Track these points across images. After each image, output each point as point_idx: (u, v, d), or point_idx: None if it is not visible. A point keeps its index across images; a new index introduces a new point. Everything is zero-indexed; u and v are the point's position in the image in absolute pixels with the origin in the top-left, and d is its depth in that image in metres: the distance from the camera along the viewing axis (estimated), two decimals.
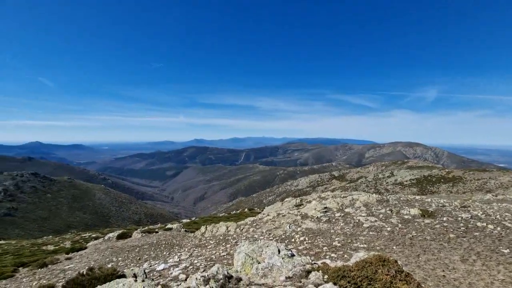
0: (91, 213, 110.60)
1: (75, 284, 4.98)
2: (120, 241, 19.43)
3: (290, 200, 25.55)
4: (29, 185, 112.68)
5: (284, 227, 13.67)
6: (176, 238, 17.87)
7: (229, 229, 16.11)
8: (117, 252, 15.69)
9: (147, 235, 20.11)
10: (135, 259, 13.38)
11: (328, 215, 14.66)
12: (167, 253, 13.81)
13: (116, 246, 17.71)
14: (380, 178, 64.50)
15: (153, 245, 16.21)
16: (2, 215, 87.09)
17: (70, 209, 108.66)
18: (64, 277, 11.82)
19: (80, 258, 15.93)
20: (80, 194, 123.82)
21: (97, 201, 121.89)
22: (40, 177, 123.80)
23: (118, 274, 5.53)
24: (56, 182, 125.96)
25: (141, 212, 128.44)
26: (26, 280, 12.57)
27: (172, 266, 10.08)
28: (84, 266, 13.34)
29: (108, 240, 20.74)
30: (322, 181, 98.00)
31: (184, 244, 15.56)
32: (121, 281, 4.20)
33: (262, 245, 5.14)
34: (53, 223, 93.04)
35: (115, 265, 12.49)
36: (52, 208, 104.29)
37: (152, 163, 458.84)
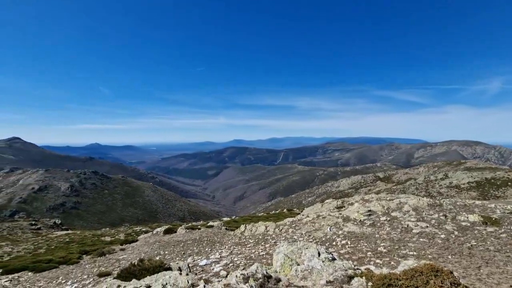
0: (141, 209, 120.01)
1: (128, 273, 5.48)
2: (166, 235, 20.74)
3: (331, 202, 24.75)
4: (90, 182, 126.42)
5: (324, 229, 13.29)
6: (217, 235, 18.49)
7: (268, 229, 16.17)
8: (164, 246, 16.77)
9: (190, 231, 21.14)
10: (180, 254, 14.16)
11: (373, 218, 13.87)
12: (209, 249, 14.36)
13: (163, 240, 18.95)
14: (432, 181, 59.05)
15: (196, 241, 16.99)
16: (69, 208, 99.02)
17: (123, 204, 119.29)
18: (119, 266, 13.00)
19: (132, 250, 17.38)
20: (132, 191, 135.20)
21: (146, 197, 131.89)
22: (99, 175, 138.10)
23: (165, 267, 5.93)
24: (112, 180, 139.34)
25: (185, 209, 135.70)
26: (88, 267, 14.11)
27: (213, 262, 10.46)
28: (136, 257, 14.54)
29: (156, 235, 22.27)
30: (365, 182, 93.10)
31: (224, 241, 16.02)
32: (168, 273, 4.48)
33: (302, 246, 5.06)
34: (109, 217, 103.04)
35: (162, 258, 13.38)
36: (109, 203, 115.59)
37: (194, 163, 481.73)
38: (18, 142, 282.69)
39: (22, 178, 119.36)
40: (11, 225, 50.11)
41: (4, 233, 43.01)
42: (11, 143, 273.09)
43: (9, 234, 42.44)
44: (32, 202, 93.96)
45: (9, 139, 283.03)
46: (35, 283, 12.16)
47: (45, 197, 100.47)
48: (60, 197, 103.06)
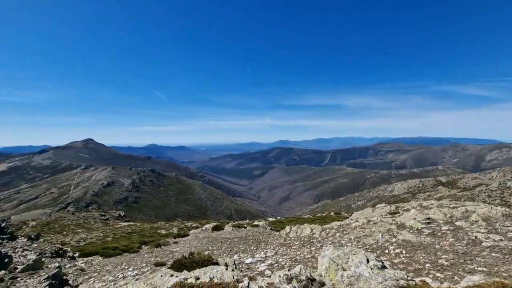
0: (192, 205, 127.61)
1: (180, 264, 5.93)
2: (214, 232, 21.71)
3: (383, 207, 23.09)
4: (148, 179, 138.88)
5: (375, 235, 12.47)
6: (262, 235, 18.71)
7: (314, 231, 15.80)
8: (212, 242, 17.58)
9: (237, 229, 21.78)
10: (227, 250, 14.70)
11: (432, 227, 12.55)
12: (254, 248, 14.62)
13: (211, 237, 19.88)
14: (510, 187, 50.90)
15: (242, 239, 17.44)
16: (131, 202, 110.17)
17: (176, 200, 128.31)
18: (172, 257, 14.05)
19: (183, 243, 18.61)
20: (184, 188, 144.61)
21: (196, 195, 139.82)
22: (156, 173, 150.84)
23: (212, 261, 6.25)
24: (166, 178, 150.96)
25: (231, 208, 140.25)
26: (146, 256, 15.55)
27: (258, 261, 10.63)
28: (187, 250, 15.55)
29: (205, 231, 23.46)
30: (424, 187, 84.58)
31: (270, 241, 16.14)
32: (215, 268, 4.73)
33: (349, 252, 4.84)
34: (164, 212, 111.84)
35: (210, 253, 14.05)
36: (164, 199, 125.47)
37: (241, 163, 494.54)
38: (91, 143, 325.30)
39: (95, 174, 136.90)
40: (86, 215, 57.83)
41: (80, 222, 49.87)
42: (86, 144, 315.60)
43: (84, 223, 49.07)
44: (102, 196, 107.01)
45: (85, 140, 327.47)
46: (104, 266, 13.83)
47: (112, 192, 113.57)
48: (124, 192, 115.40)
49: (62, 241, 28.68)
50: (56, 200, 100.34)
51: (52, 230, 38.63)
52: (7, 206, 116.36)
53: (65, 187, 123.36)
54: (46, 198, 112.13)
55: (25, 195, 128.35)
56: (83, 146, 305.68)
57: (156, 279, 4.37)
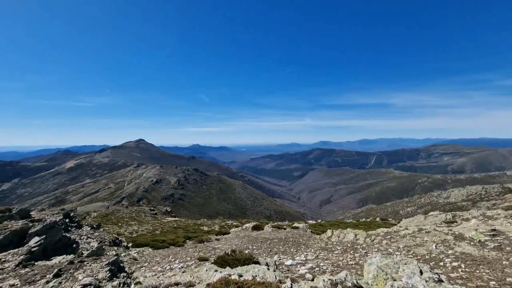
0: (233, 204, 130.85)
1: (223, 260, 6.14)
2: (254, 232, 21.97)
3: (437, 215, 21.00)
4: (192, 177, 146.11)
5: (428, 246, 11.41)
6: (302, 237, 18.40)
7: (357, 237, 15.05)
8: (252, 241, 17.82)
9: (276, 230, 21.75)
10: (267, 250, 14.77)
11: (499, 240, 11.05)
12: (294, 250, 14.45)
13: (251, 236, 20.16)
14: None
15: (281, 240, 17.37)
16: (177, 199, 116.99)
17: (218, 199, 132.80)
18: (214, 254, 14.57)
19: (225, 241, 19.18)
20: (225, 187, 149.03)
21: (237, 194, 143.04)
22: (199, 172, 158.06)
23: (254, 260, 6.35)
24: (209, 177, 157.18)
25: (271, 208, 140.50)
26: (191, 250, 16.36)
27: (299, 264, 10.48)
28: (228, 248, 15.99)
29: (245, 230, 23.87)
30: (487, 194, 74.89)
31: (310, 244, 15.80)
32: (257, 267, 4.79)
33: (399, 261, 4.50)
34: (207, 209, 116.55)
35: (251, 252, 14.25)
36: (206, 197, 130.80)
37: (280, 164, 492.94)
38: (143, 143, 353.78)
39: (145, 172, 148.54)
40: (137, 209, 62.99)
41: (133, 215, 54.50)
42: (138, 144, 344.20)
43: (136, 216, 53.51)
44: (151, 192, 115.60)
45: (137, 140, 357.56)
46: (153, 257, 14.93)
47: (160, 188, 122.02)
48: (170, 189, 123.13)
49: (117, 232, 31.65)
50: (113, 194, 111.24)
51: (109, 221, 42.90)
52: (74, 198, 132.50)
53: (120, 183, 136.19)
54: (105, 192, 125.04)
55: (88, 189, 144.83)
56: (136, 146, 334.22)
57: (201, 273, 4.59)
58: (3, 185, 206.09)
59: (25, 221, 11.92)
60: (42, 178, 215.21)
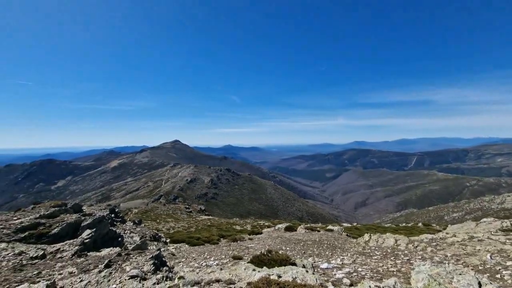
0: (264, 205, 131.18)
1: (259, 260, 6.16)
2: (287, 232, 21.77)
3: (491, 222, 19.00)
4: (224, 177, 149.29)
5: (481, 255, 10.36)
6: (338, 240, 17.82)
7: (398, 242, 14.17)
8: (286, 242, 17.67)
9: (310, 232, 21.33)
10: (301, 252, 14.54)
11: None
12: (329, 253, 14.04)
13: (284, 237, 20.01)
14: None
15: (315, 242, 16.99)
16: (210, 198, 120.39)
17: (249, 199, 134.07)
18: (248, 253, 14.69)
19: (258, 241, 19.27)
20: (256, 187, 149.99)
21: (268, 195, 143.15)
22: (231, 172, 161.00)
23: (290, 261, 6.27)
24: (240, 177, 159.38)
25: (303, 210, 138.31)
26: (225, 249, 16.69)
27: (335, 268, 10.14)
28: (261, 248, 16.03)
29: (278, 230, 23.76)
30: None
31: (346, 248, 15.23)
32: (294, 268, 4.72)
33: (452, 270, 4.11)
34: (239, 209, 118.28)
35: (284, 253, 14.15)
36: (238, 197, 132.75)
37: (312, 164, 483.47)
38: (178, 144, 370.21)
39: (180, 171, 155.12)
40: (174, 207, 65.92)
41: (170, 212, 57.17)
42: (174, 145, 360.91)
43: (173, 213, 56.07)
44: (186, 190, 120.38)
45: (173, 141, 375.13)
46: (190, 254, 15.50)
47: (194, 187, 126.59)
48: (204, 188, 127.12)
49: (156, 228, 33.44)
50: (152, 192, 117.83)
51: (149, 218, 45.50)
52: (118, 195, 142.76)
53: (158, 182, 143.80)
54: (144, 190, 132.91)
55: (130, 187, 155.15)
56: (172, 146, 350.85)
57: (239, 271, 4.64)
58: (58, 182, 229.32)
59: (78, 215, 13.12)
60: (90, 176, 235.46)
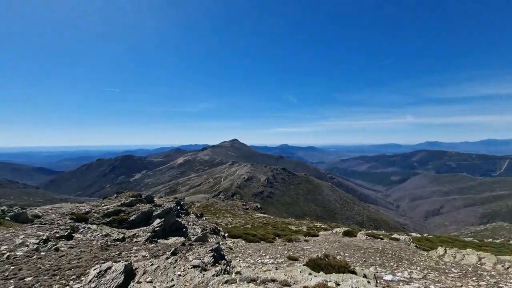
0: (321, 206, 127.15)
1: (315, 264, 5.96)
2: (346, 237, 20.66)
3: None
4: (280, 177, 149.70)
5: None
6: (405, 251, 16.15)
7: (483, 261, 12.10)
8: (344, 248, 16.78)
9: (371, 239, 19.84)
10: (361, 260, 13.61)
11: None
12: (394, 264, 12.81)
13: (342, 242, 19.03)
14: None
15: (378, 251, 15.70)
16: (266, 196, 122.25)
17: (305, 200, 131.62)
18: (303, 254, 14.42)
19: (314, 243, 18.76)
20: (313, 188, 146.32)
21: (325, 196, 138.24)
22: (287, 171, 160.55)
23: (349, 269, 5.90)
24: (296, 177, 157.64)
25: (363, 214, 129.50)
26: (280, 248, 16.71)
27: (401, 281, 9.20)
28: (317, 250, 15.54)
29: (336, 234, 22.73)
30: None
31: (415, 261, 13.69)
32: (354, 277, 4.41)
33: None
34: (294, 209, 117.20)
35: (342, 259, 13.45)
36: (294, 197, 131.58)
37: (375, 166, 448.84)
38: (237, 143, 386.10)
39: (238, 169, 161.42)
40: (231, 203, 68.91)
41: (228, 208, 59.98)
42: (233, 144, 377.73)
43: (230, 209, 58.69)
44: (243, 188, 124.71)
45: (231, 140, 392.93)
46: (246, 250, 15.98)
47: (251, 185, 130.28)
48: (260, 187, 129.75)
49: (216, 222, 35.46)
50: (212, 188, 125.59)
51: (209, 212, 48.55)
52: (183, 189, 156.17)
53: (217, 178, 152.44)
54: (205, 186, 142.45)
55: (193, 182, 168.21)
56: (230, 145, 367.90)
57: (295, 273, 4.56)
58: (135, 175, 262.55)
59: (150, 205, 14.78)
60: (160, 171, 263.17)
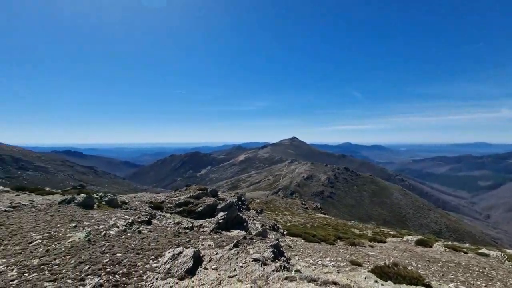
0: (388, 210, 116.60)
1: (382, 272, 5.49)
2: (419, 247, 18.53)
3: None
4: (342, 176, 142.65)
5: None
6: (496, 270, 13.63)
7: None
8: (416, 258, 15.07)
9: (451, 251, 17.35)
10: (437, 274, 12.04)
11: None
12: (482, 283, 10.97)
13: (414, 251, 17.12)
14: None
15: (460, 266, 13.63)
16: (326, 196, 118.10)
17: (370, 202, 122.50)
18: (368, 261, 13.47)
19: (380, 249, 17.34)
20: (379, 190, 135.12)
21: (394, 200, 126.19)
22: (350, 171, 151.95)
23: (423, 282, 5.25)
24: (360, 177, 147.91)
25: (442, 223, 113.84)
26: (342, 251, 15.96)
27: None
28: (384, 258, 14.31)
29: (406, 242, 20.59)
30: None
31: (510, 283, 11.45)
32: None
33: None
34: (357, 211, 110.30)
35: (415, 270, 12.08)
36: (357, 199, 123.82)
37: (457, 168, 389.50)
38: (296, 141, 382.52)
39: (297, 167, 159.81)
40: (290, 201, 68.69)
41: (287, 206, 59.99)
42: (292, 142, 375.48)
43: (289, 207, 58.55)
44: (302, 187, 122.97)
45: (291, 138, 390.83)
46: (306, 249, 15.74)
47: (310, 184, 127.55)
48: (320, 186, 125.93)
49: (275, 219, 35.87)
50: (271, 186, 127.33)
51: (268, 209, 49.38)
52: (244, 185, 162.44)
53: (277, 176, 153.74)
54: (265, 183, 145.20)
55: (253, 179, 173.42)
56: (290, 143, 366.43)
57: (359, 279, 4.30)
58: (201, 171, 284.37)
59: (214, 199, 15.83)
60: (223, 167, 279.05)
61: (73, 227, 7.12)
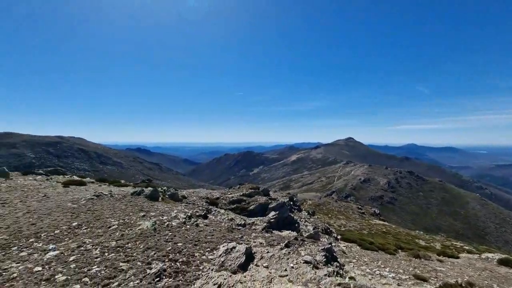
0: (462, 222, 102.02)
1: None
2: (502, 267, 15.79)
3: None
4: (405, 181, 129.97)
5: None
6: None
7: None
8: (498, 280, 12.87)
9: None
10: None
11: None
12: None
13: (496, 271, 14.64)
14: None
15: None
16: (386, 202, 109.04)
17: (439, 211, 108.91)
18: (436, 277, 12.02)
19: (451, 266, 15.29)
20: (450, 198, 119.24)
21: (470, 210, 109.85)
22: (414, 175, 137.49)
23: None
24: (427, 183, 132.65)
25: None
26: (403, 263, 14.55)
27: None
28: (456, 276, 12.56)
29: (485, 260, 17.76)
30: None
31: None
32: None
33: None
34: (423, 220, 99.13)
35: None
36: (423, 206, 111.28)
37: None
38: (352, 141, 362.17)
39: (353, 170, 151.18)
40: (345, 205, 65.39)
41: (341, 209, 57.27)
42: (347, 142, 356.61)
43: (344, 211, 55.78)
44: (359, 190, 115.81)
45: (346, 139, 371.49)
46: (361, 257, 14.80)
47: (368, 188, 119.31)
48: (379, 190, 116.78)
49: (328, 222, 34.60)
50: (324, 187, 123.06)
51: (321, 211, 47.89)
52: (295, 185, 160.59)
53: (330, 178, 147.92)
54: (318, 184, 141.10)
55: (305, 179, 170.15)
56: (345, 144, 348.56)
57: None
58: (254, 170, 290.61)
59: (266, 198, 16.05)
60: (275, 167, 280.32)
61: (142, 216, 8.05)
